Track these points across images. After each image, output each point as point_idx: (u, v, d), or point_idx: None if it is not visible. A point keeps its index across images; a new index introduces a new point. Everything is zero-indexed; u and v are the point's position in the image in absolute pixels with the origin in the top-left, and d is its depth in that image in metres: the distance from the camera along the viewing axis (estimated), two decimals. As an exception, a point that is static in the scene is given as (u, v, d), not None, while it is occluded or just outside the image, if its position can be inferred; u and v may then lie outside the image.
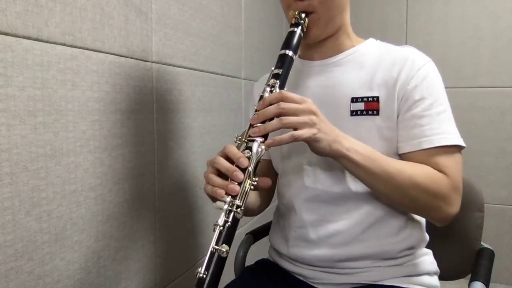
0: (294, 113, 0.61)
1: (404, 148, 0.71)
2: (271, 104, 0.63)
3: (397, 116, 0.72)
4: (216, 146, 1.24)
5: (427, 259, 0.78)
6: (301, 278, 0.79)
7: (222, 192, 0.59)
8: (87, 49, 0.72)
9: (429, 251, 0.80)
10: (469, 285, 0.74)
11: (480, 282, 0.74)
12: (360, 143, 0.66)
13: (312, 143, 0.62)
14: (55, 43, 0.65)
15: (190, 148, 1.09)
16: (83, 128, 0.72)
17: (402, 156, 0.73)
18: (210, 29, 1.17)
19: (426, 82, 0.70)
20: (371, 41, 0.80)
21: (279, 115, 0.61)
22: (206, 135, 1.18)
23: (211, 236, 0.58)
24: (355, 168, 0.65)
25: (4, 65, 0.57)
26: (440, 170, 0.68)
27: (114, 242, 0.82)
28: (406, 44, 1.94)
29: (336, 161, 0.66)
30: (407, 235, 0.75)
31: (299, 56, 0.86)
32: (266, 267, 0.87)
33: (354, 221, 0.73)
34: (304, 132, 0.60)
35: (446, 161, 0.68)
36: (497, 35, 1.89)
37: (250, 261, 0.96)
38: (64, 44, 0.67)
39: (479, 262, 0.82)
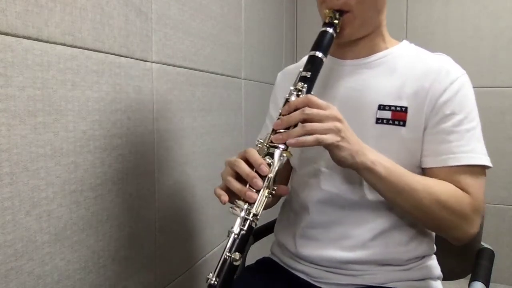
0: (319, 119, 0.59)
1: (429, 163, 0.69)
2: (296, 109, 0.61)
3: (424, 129, 0.69)
4: (216, 146, 1.24)
5: (432, 264, 0.77)
6: (303, 276, 0.79)
7: (226, 197, 0.58)
8: (87, 49, 0.72)
9: (434, 256, 0.80)
10: (469, 285, 0.74)
11: (480, 282, 0.74)
12: (383, 156, 0.64)
13: (333, 150, 0.60)
14: (55, 43, 0.65)
15: (190, 148, 1.09)
16: (83, 128, 0.72)
17: (425, 170, 0.71)
18: (210, 29, 1.17)
19: (458, 97, 0.68)
20: (405, 44, 0.78)
21: (303, 121, 0.60)
22: (206, 135, 1.18)
23: (211, 236, 0.58)
24: (378, 182, 0.63)
25: (4, 65, 0.57)
26: (463, 189, 0.66)
27: (114, 242, 0.82)
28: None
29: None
30: (416, 246, 0.74)
31: (329, 53, 0.83)
32: (267, 266, 0.87)
33: (366, 227, 0.72)
34: (328, 137, 0.58)
35: (470, 180, 0.66)
36: (497, 35, 1.89)
37: (250, 260, 0.96)
38: (64, 44, 0.67)
39: (479, 262, 0.82)
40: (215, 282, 0.55)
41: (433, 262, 0.79)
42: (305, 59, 0.85)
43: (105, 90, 0.77)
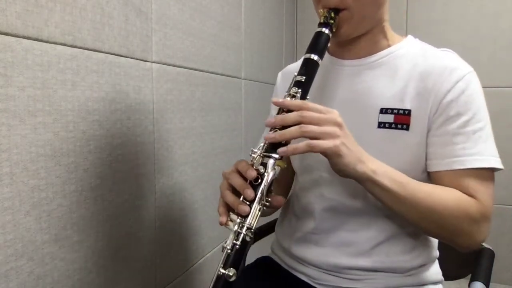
0: (317, 123, 0.55)
1: (434, 167, 0.66)
2: (289, 110, 0.57)
3: (428, 131, 0.66)
4: (216, 146, 1.24)
5: (433, 269, 0.76)
6: (303, 277, 0.78)
7: (224, 219, 0.57)
8: (87, 49, 0.72)
9: (436, 261, 0.78)
10: (469, 285, 0.74)
11: (480, 282, 0.73)
12: (385, 165, 0.61)
13: (332, 157, 0.56)
14: (55, 43, 0.65)
15: (190, 148, 1.09)
16: (83, 128, 0.72)
17: (430, 174, 0.68)
18: (210, 29, 1.17)
19: (464, 96, 0.64)
20: (409, 40, 0.74)
21: (299, 123, 0.55)
22: (206, 135, 1.18)
23: (211, 236, 0.58)
24: (381, 192, 0.60)
25: (4, 65, 0.57)
26: (469, 194, 0.63)
27: (114, 242, 0.82)
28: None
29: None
30: (419, 254, 0.72)
31: (328, 52, 0.78)
32: (266, 266, 0.87)
33: (368, 235, 0.71)
34: (323, 143, 0.54)
35: (477, 185, 0.63)
36: (497, 36, 1.89)
37: (250, 260, 0.95)
38: (64, 44, 0.67)
39: (479, 262, 0.82)
40: None
41: (435, 268, 0.77)
42: None
43: (105, 90, 0.77)
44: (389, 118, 0.68)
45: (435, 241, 0.77)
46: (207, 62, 1.16)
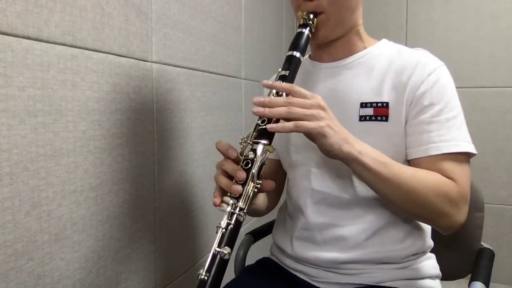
0: (302, 106, 0.59)
1: (412, 154, 0.70)
2: (278, 93, 0.62)
3: (406, 122, 0.70)
4: (216, 146, 1.24)
5: (430, 263, 0.78)
6: (302, 276, 0.79)
7: (218, 200, 0.60)
8: (87, 49, 0.72)
9: (432, 255, 0.80)
10: (469, 285, 0.74)
11: (480, 282, 0.74)
12: (370, 147, 0.65)
13: (319, 138, 0.59)
14: (55, 43, 0.65)
15: (190, 148, 1.09)
16: (83, 128, 0.72)
17: (410, 162, 0.72)
18: (210, 29, 1.17)
19: (436, 87, 0.69)
20: (383, 42, 0.79)
21: (287, 105, 0.60)
22: (206, 135, 1.18)
23: (211, 236, 0.59)
24: (365, 172, 0.63)
25: (4, 65, 0.57)
26: (448, 177, 0.67)
27: (114, 242, 0.82)
28: (405, 44, 1.93)
29: (344, 166, 0.65)
30: (412, 242, 0.74)
31: (309, 57, 0.85)
32: (267, 266, 0.87)
33: (360, 227, 0.73)
34: (309, 123, 0.58)
35: (454, 168, 0.67)
36: (497, 35, 1.89)
37: (250, 260, 0.96)
38: (64, 44, 0.67)
39: (479, 262, 0.82)
40: (205, 277, 0.56)
41: (431, 261, 0.79)
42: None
43: (105, 90, 0.77)
44: (369, 111, 0.72)
45: (428, 230, 0.79)
46: (207, 62, 1.16)
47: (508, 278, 1.92)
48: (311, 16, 0.70)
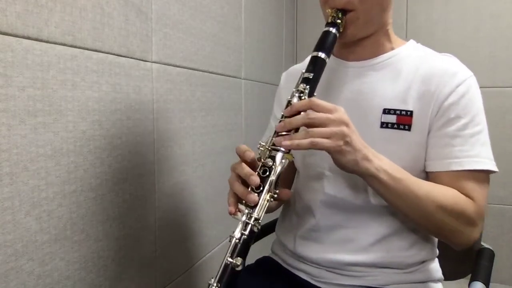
0: (323, 123, 0.57)
1: (432, 167, 0.69)
2: (299, 112, 0.59)
3: (428, 133, 0.68)
4: (216, 146, 1.24)
5: (433, 267, 0.77)
6: (304, 275, 0.79)
7: (233, 209, 0.58)
8: (87, 49, 0.72)
9: (435, 259, 0.79)
10: (469, 285, 0.74)
11: (480, 282, 0.74)
12: (389, 161, 0.63)
13: (335, 155, 0.58)
14: (55, 43, 0.65)
15: (190, 148, 1.09)
16: (83, 128, 0.72)
17: (429, 174, 0.70)
18: (210, 29, 1.17)
19: (464, 100, 0.66)
20: (411, 44, 0.77)
21: (307, 125, 0.58)
22: (206, 135, 1.18)
23: (211, 236, 0.59)
24: (382, 188, 0.62)
25: (4, 65, 0.57)
26: (466, 194, 0.65)
27: (114, 242, 0.82)
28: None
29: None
30: (418, 251, 0.73)
31: (333, 54, 0.79)
32: (266, 266, 0.87)
33: (368, 231, 0.72)
34: (326, 142, 0.56)
35: (473, 186, 0.66)
36: (497, 35, 1.89)
37: (250, 260, 0.95)
38: (64, 44, 0.67)
39: (479, 262, 0.82)
40: (216, 287, 0.55)
41: (435, 265, 0.78)
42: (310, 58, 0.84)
43: (105, 90, 0.77)
44: (392, 118, 0.69)
45: (434, 239, 0.78)
46: (207, 62, 1.16)
47: (508, 278, 1.92)
48: (340, 14, 0.67)
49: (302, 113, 0.60)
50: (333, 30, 0.67)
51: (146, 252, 0.94)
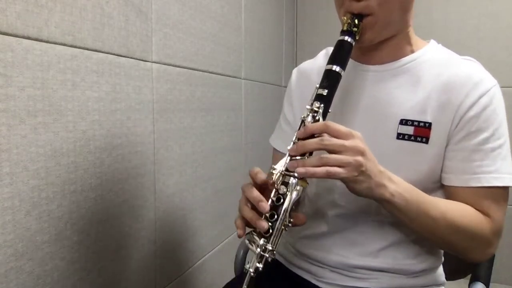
0: (338, 151, 0.54)
1: (449, 181, 0.66)
2: (313, 135, 0.56)
3: (447, 145, 0.65)
4: (216, 146, 1.24)
5: (438, 272, 0.77)
6: (307, 275, 0.78)
7: (242, 232, 0.57)
8: (87, 49, 0.72)
9: (440, 266, 0.78)
10: (469, 285, 0.74)
11: (480, 282, 0.74)
12: (404, 184, 0.60)
13: (349, 183, 0.56)
14: (55, 43, 0.65)
15: (190, 148, 1.09)
16: (83, 128, 0.72)
17: (445, 187, 0.68)
18: (210, 29, 1.17)
19: (486, 112, 0.63)
20: (432, 45, 0.73)
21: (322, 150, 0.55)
22: (206, 135, 1.18)
23: (211, 236, 0.59)
24: (397, 212, 0.60)
25: (4, 65, 0.57)
26: (483, 212, 0.64)
27: (114, 242, 0.82)
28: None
29: None
30: (425, 259, 0.73)
31: (351, 57, 0.77)
32: (267, 265, 0.86)
33: (376, 238, 0.71)
34: (342, 172, 0.54)
35: (491, 203, 0.64)
36: (497, 35, 1.88)
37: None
38: (64, 44, 0.67)
39: (479, 262, 0.82)
40: None
41: (439, 270, 0.78)
42: (322, 53, 0.82)
43: (105, 90, 0.77)
44: (409, 130, 0.66)
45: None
46: (207, 62, 1.16)
47: (508, 278, 1.92)
48: (356, 21, 0.62)
49: (316, 136, 0.57)
50: (349, 39, 0.62)
51: (146, 252, 0.94)
